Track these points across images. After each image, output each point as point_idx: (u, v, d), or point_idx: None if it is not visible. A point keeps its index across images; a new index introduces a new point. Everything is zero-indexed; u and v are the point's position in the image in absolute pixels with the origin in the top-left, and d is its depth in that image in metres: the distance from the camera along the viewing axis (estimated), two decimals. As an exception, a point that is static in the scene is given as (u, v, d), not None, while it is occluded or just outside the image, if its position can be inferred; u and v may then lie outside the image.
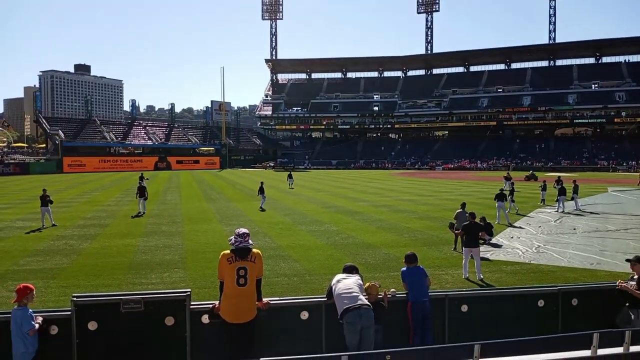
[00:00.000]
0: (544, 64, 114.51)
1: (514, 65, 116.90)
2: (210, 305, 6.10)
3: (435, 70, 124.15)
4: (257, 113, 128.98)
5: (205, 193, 37.05)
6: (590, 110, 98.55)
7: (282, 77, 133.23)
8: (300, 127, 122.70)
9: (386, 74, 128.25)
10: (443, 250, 15.10)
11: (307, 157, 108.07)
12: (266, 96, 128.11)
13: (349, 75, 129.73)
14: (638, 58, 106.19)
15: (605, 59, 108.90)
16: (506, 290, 7.78)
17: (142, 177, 34.07)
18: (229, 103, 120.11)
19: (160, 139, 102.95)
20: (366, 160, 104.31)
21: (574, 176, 43.68)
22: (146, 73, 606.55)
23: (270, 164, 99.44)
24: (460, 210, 15.38)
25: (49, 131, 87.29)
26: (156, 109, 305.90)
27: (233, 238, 6.01)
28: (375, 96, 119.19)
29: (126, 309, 5.82)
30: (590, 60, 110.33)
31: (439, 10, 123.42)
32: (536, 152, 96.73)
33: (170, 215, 23.32)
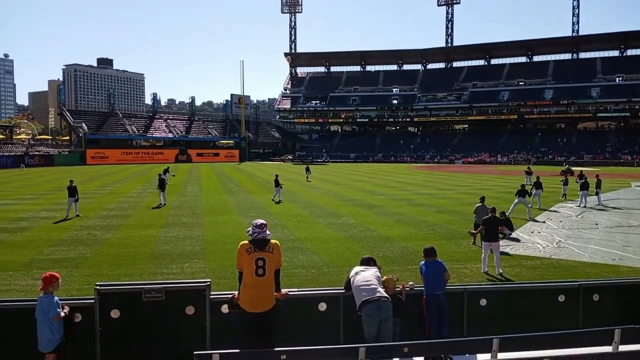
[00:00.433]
0: (567, 56, 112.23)
1: (536, 58, 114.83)
2: (229, 296, 6.18)
3: (456, 63, 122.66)
4: (276, 106, 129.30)
5: (225, 185, 37.36)
6: (614, 104, 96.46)
7: (301, 71, 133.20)
8: (319, 121, 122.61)
9: (405, 66, 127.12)
10: (462, 244, 15.00)
11: (325, 151, 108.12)
12: (285, 89, 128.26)
13: (368, 68, 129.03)
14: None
15: (631, 52, 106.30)
16: (526, 285, 7.73)
17: (167, 170, 33.54)
18: (249, 96, 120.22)
19: (181, 132, 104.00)
20: (385, 154, 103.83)
21: (597, 171, 42.88)
22: (167, 67, 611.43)
23: (289, 157, 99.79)
24: (480, 204, 15.24)
25: (72, 124, 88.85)
26: (177, 102, 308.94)
27: (251, 229, 6.06)
28: (394, 89, 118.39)
29: (148, 298, 5.94)
30: (615, 53, 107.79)
31: (459, 3, 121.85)
32: (558, 146, 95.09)
33: (191, 207, 23.60)
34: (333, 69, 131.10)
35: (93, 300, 5.89)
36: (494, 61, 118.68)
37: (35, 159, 74.10)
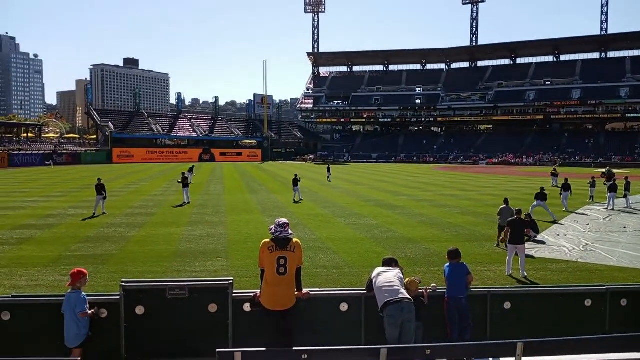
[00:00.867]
0: (595, 55, 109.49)
1: (563, 57, 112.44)
2: (252, 294, 6.23)
3: (480, 63, 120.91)
4: (299, 106, 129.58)
5: (248, 185, 37.62)
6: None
7: (324, 71, 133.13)
8: (341, 121, 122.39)
9: (429, 66, 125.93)
10: (485, 246, 14.82)
11: (347, 151, 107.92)
12: (307, 89, 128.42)
13: (391, 67, 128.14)
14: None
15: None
16: (551, 288, 7.57)
17: (192, 169, 34.75)
18: (271, 96, 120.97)
19: (205, 131, 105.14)
20: (407, 154, 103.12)
21: (626, 172, 41.84)
22: (191, 67, 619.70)
23: (311, 157, 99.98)
24: (504, 206, 15.02)
25: (99, 123, 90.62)
26: (201, 102, 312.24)
27: (273, 227, 6.11)
28: (417, 89, 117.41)
29: (172, 295, 6.04)
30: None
31: (485, 1, 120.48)
32: (586, 147, 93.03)
33: (214, 206, 23.83)
34: (355, 68, 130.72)
35: (118, 297, 6.00)
36: (519, 60, 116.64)
37: (63, 157, 75.76)
